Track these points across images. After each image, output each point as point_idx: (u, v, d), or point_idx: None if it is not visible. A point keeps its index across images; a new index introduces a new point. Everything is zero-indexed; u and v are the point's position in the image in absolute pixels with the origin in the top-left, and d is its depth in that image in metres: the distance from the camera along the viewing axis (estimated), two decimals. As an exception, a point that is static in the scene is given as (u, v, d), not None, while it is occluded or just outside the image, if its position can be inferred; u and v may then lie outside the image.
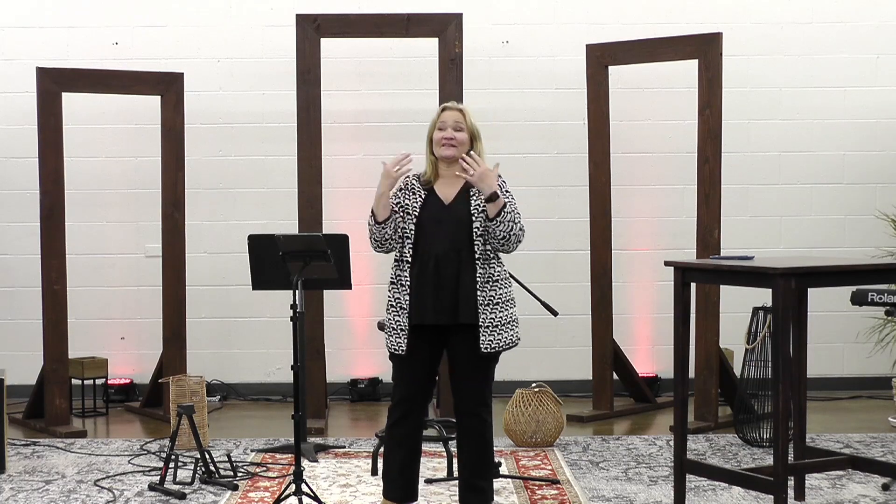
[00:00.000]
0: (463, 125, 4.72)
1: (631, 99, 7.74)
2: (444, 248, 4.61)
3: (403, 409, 4.74)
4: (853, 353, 7.94)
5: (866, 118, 7.97)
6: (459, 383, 4.72)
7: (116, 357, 7.80)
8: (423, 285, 4.62)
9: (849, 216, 7.98)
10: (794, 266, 4.61)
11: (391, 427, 4.78)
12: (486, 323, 4.63)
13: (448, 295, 4.61)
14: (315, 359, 6.98)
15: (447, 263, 4.61)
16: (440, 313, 4.61)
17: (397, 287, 4.69)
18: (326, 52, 7.14)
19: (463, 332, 4.65)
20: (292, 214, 7.14)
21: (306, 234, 5.94)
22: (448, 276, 4.60)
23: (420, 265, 4.64)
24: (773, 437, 4.65)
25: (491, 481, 4.85)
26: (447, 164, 4.72)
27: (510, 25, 7.91)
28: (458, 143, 4.70)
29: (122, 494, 5.44)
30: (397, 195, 4.75)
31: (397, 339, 4.67)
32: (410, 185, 4.76)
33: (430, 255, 4.62)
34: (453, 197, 4.71)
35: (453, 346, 4.69)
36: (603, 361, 7.25)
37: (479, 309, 4.62)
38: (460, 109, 4.75)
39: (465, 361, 4.68)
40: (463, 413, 4.74)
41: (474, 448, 4.74)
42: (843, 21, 7.95)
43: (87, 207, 7.79)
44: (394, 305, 4.69)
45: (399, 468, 4.79)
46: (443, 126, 4.71)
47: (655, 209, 7.94)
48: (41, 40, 7.78)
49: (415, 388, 4.73)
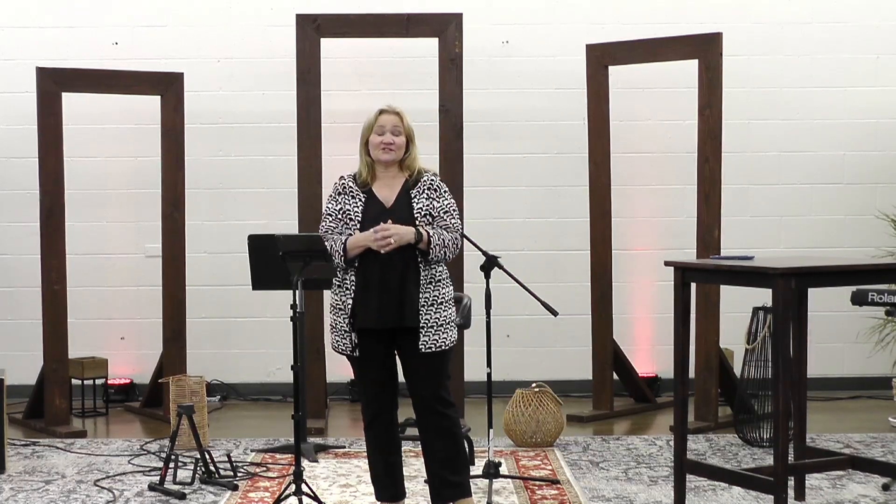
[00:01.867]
0: (401, 129, 4.73)
1: (631, 99, 7.74)
2: (389, 255, 4.59)
3: (372, 411, 4.77)
4: (853, 353, 7.94)
5: (866, 118, 7.97)
6: (412, 385, 4.73)
7: (116, 357, 7.80)
8: (368, 289, 4.62)
9: (849, 216, 7.98)
10: (794, 266, 4.61)
11: (367, 430, 4.81)
12: (430, 323, 4.63)
13: (392, 298, 4.61)
14: (315, 359, 6.98)
15: (391, 267, 4.61)
16: (384, 317, 4.61)
17: (341, 289, 4.69)
18: (326, 52, 7.14)
19: (408, 333, 4.65)
20: (292, 214, 7.13)
21: (306, 234, 5.93)
22: (392, 279, 4.61)
23: (364, 269, 4.63)
24: (773, 437, 4.65)
25: (466, 475, 4.81)
26: (385, 166, 4.73)
27: (510, 25, 7.91)
28: (396, 147, 4.72)
29: (122, 494, 5.44)
30: (337, 199, 4.75)
31: (343, 340, 4.69)
32: (348, 188, 4.75)
33: (375, 260, 4.61)
34: (394, 199, 4.71)
35: (400, 348, 4.71)
36: (603, 361, 7.25)
37: (420, 310, 4.62)
38: (397, 112, 4.75)
39: (415, 362, 4.68)
40: (422, 410, 4.73)
41: (446, 447, 4.73)
42: (843, 21, 7.95)
43: (87, 207, 7.79)
44: (339, 307, 4.68)
45: (384, 468, 4.82)
46: (381, 130, 4.72)
47: (655, 209, 7.93)
48: (41, 40, 7.78)
49: (376, 388, 4.74)
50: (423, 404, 4.72)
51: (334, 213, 4.74)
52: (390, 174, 4.75)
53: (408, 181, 4.73)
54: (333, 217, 4.73)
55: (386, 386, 4.76)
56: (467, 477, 4.81)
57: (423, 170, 4.79)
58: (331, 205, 4.76)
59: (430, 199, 4.71)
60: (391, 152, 4.71)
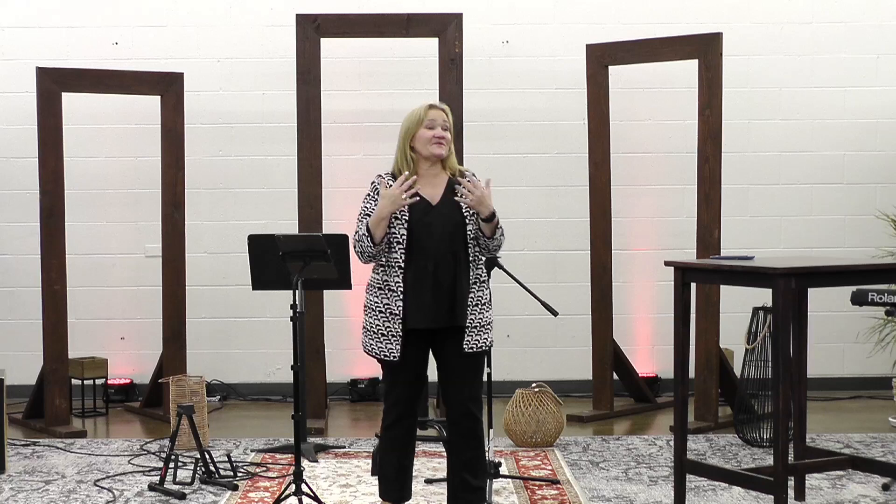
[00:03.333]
0: (448, 124, 4.69)
1: (631, 99, 7.75)
2: (440, 251, 4.56)
3: (399, 412, 4.71)
4: (853, 353, 7.94)
5: (866, 118, 7.97)
6: (451, 385, 4.69)
7: (116, 357, 7.80)
8: (421, 289, 4.56)
9: (849, 216, 7.98)
10: (794, 266, 4.61)
11: (387, 429, 4.75)
12: (474, 323, 4.62)
13: (446, 298, 4.57)
14: (315, 359, 6.98)
15: (445, 267, 4.56)
16: (438, 317, 4.57)
17: (385, 292, 4.60)
18: (326, 52, 7.14)
19: (454, 334, 4.62)
20: (292, 214, 7.14)
21: (306, 234, 5.93)
22: (446, 279, 4.56)
23: (416, 269, 4.57)
24: (773, 437, 4.65)
25: (486, 481, 4.83)
26: (430, 163, 4.67)
27: (510, 25, 7.91)
28: (447, 142, 4.66)
29: (122, 494, 5.44)
30: (375, 198, 4.65)
31: (388, 344, 4.59)
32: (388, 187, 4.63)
33: (428, 259, 4.55)
34: (439, 197, 4.65)
35: (445, 349, 4.65)
36: (603, 361, 7.25)
37: (468, 310, 4.61)
38: (443, 109, 4.71)
39: (457, 363, 4.66)
40: (458, 413, 4.70)
41: (471, 448, 4.72)
42: (843, 21, 7.95)
43: (87, 207, 7.79)
44: (381, 311, 4.60)
45: (396, 470, 4.78)
46: (432, 124, 4.64)
47: (655, 209, 7.94)
48: (41, 40, 7.78)
49: (409, 391, 4.70)
50: (458, 405, 4.69)
51: (370, 212, 4.62)
52: (433, 172, 4.67)
53: (451, 179, 4.67)
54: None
55: (415, 389, 4.71)
56: (485, 482, 4.82)
57: (463, 170, 4.74)
58: (370, 204, 4.64)
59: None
60: (443, 146, 4.64)
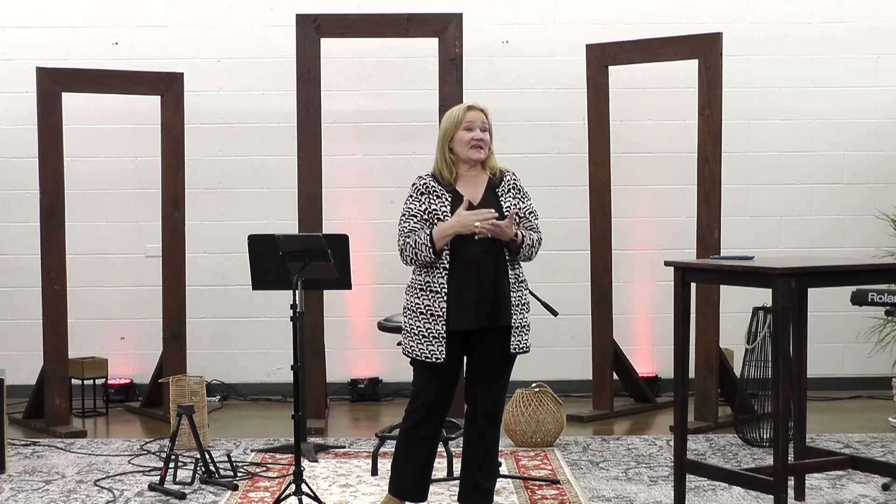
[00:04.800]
0: (487, 126, 4.69)
1: (631, 99, 7.75)
2: (482, 251, 4.56)
3: (426, 412, 4.68)
4: (853, 353, 7.94)
5: (866, 118, 7.97)
6: (483, 385, 4.68)
7: (116, 357, 7.80)
8: (465, 291, 4.55)
9: (849, 216, 7.98)
10: (794, 266, 4.61)
11: (412, 429, 4.70)
12: (517, 324, 4.63)
13: (489, 299, 4.57)
14: (315, 359, 6.98)
15: (486, 267, 4.56)
16: (481, 318, 4.57)
17: (426, 293, 4.58)
18: (326, 52, 7.14)
19: (493, 334, 4.62)
20: (292, 214, 7.14)
21: (306, 234, 5.94)
22: (488, 280, 4.56)
23: (459, 271, 4.56)
24: (773, 437, 4.65)
25: (494, 483, 4.86)
26: (469, 165, 4.67)
27: (510, 25, 7.91)
28: (485, 144, 4.66)
29: (122, 494, 5.44)
30: (420, 199, 4.63)
31: (430, 346, 4.58)
32: (431, 187, 4.64)
33: (471, 260, 4.55)
34: (480, 198, 4.65)
35: (481, 349, 4.65)
36: (603, 361, 7.25)
37: (512, 311, 4.61)
38: (482, 110, 4.70)
39: (492, 364, 4.66)
40: (482, 415, 4.71)
41: (486, 449, 4.74)
42: (843, 21, 7.95)
43: (87, 207, 7.79)
44: (423, 312, 4.58)
45: (416, 470, 4.74)
46: (471, 126, 4.64)
47: (655, 209, 7.93)
48: (41, 40, 7.78)
49: (440, 392, 4.67)
50: (483, 405, 4.69)
51: (419, 213, 4.60)
52: (473, 173, 4.68)
53: (492, 180, 4.67)
54: (418, 218, 4.60)
55: (450, 391, 4.69)
56: (494, 484, 4.84)
57: (504, 169, 4.73)
58: (414, 205, 4.62)
59: (516, 198, 4.68)
60: (481, 150, 4.64)
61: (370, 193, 7.86)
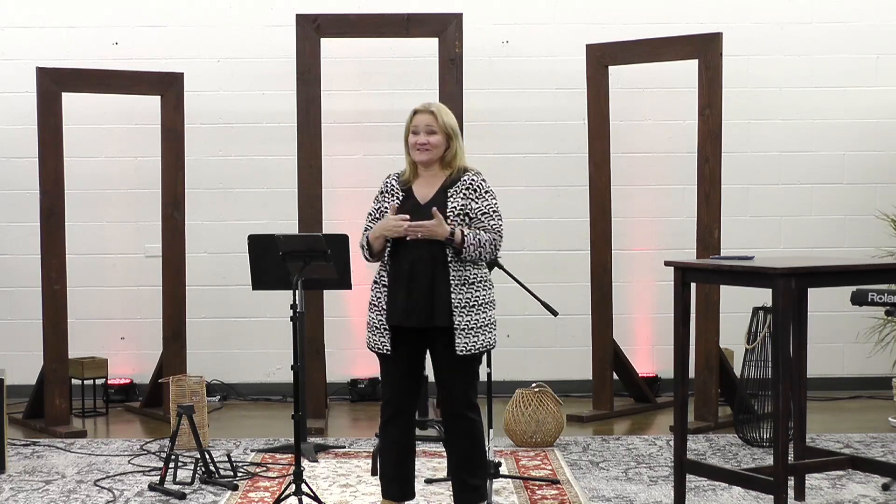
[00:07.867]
0: (435, 127, 4.68)
1: (631, 99, 7.75)
2: (419, 250, 4.60)
3: (393, 408, 4.76)
4: (853, 353, 7.94)
5: (866, 118, 7.97)
6: (442, 385, 4.73)
7: (116, 357, 7.80)
8: (397, 287, 4.63)
9: (849, 216, 7.98)
10: (794, 266, 4.61)
11: (383, 426, 4.80)
12: (462, 325, 4.62)
13: (421, 298, 4.60)
14: (315, 359, 6.98)
15: (422, 266, 4.60)
16: (411, 315, 4.61)
17: (378, 286, 4.71)
18: (326, 52, 7.14)
19: (441, 334, 4.64)
20: (292, 214, 7.14)
21: (306, 234, 5.94)
22: (421, 278, 4.60)
23: (396, 267, 4.65)
24: (773, 437, 4.65)
25: (485, 479, 4.85)
26: (425, 165, 4.73)
27: (510, 25, 7.91)
28: (431, 146, 4.69)
29: (122, 494, 5.44)
30: (379, 199, 4.78)
31: (379, 337, 4.69)
32: (391, 186, 4.78)
33: (406, 258, 4.62)
34: (430, 197, 4.69)
35: (436, 349, 4.70)
36: (603, 361, 7.25)
37: (454, 312, 4.61)
38: (431, 111, 4.70)
39: (444, 364, 4.68)
40: (449, 415, 4.75)
41: (465, 448, 4.75)
42: (843, 21, 7.95)
43: (87, 207, 7.79)
44: (374, 304, 4.72)
45: (394, 466, 4.80)
46: (415, 130, 4.71)
47: (655, 209, 7.93)
48: (41, 40, 7.78)
49: (401, 387, 4.74)
50: (451, 405, 4.72)
51: (374, 212, 4.77)
52: (431, 172, 4.73)
53: (447, 179, 4.70)
54: (372, 217, 4.77)
55: (410, 386, 4.75)
56: (483, 481, 4.83)
57: (467, 168, 4.74)
58: (374, 205, 4.79)
59: (468, 198, 4.66)
60: (426, 152, 4.69)
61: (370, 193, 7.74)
